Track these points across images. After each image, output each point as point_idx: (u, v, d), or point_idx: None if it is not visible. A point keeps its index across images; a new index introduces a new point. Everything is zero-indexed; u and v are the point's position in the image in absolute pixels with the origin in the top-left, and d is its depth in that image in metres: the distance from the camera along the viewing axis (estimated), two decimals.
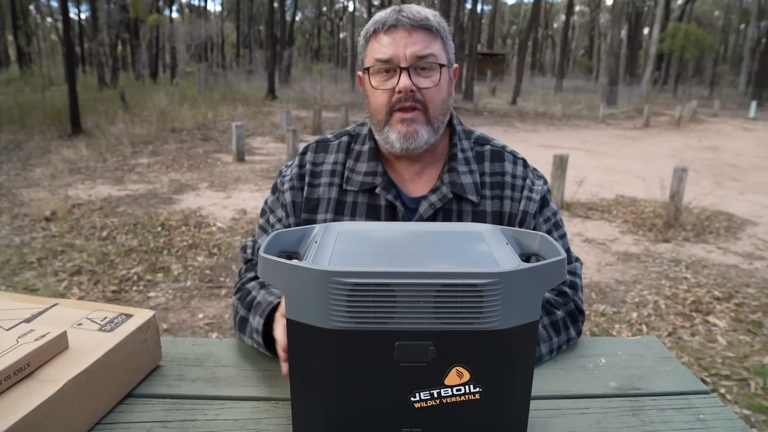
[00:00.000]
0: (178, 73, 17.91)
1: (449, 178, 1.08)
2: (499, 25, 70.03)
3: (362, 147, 1.13)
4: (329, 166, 1.13)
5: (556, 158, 6.03)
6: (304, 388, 0.69)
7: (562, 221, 1.17)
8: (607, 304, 3.63)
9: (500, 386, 0.67)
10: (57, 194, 5.90)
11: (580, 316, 1.09)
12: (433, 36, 1.04)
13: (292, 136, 7.84)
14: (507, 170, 1.12)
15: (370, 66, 1.05)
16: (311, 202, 1.11)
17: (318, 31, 65.31)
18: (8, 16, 31.91)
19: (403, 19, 1.02)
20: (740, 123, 18.46)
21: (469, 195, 1.08)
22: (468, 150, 1.13)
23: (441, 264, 0.69)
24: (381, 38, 1.04)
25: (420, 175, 1.12)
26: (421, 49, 1.02)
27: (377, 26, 1.04)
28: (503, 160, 1.13)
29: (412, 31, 1.02)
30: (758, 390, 2.64)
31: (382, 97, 1.04)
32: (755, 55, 35.24)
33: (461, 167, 1.10)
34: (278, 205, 1.15)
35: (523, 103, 22.52)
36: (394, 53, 1.01)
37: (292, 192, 1.13)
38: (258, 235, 1.19)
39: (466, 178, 1.09)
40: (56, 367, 0.78)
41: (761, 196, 7.20)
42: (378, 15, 1.06)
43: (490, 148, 1.15)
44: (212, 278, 3.88)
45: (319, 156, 1.15)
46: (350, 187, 1.09)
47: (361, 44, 1.09)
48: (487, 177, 1.12)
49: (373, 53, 1.04)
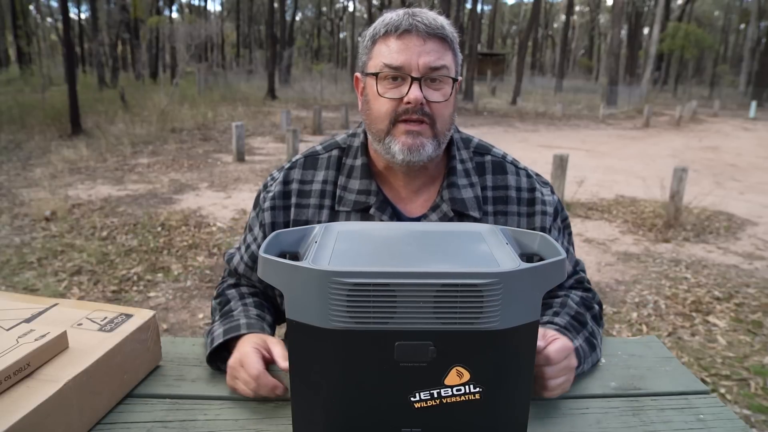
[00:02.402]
0: (178, 73, 17.91)
1: (449, 194, 1.03)
2: (499, 25, 70.03)
3: (354, 162, 1.06)
4: (318, 186, 1.06)
5: (556, 158, 6.03)
6: (304, 388, 0.69)
7: (569, 223, 1.17)
8: (607, 304, 3.63)
9: (500, 386, 0.67)
10: (57, 194, 5.90)
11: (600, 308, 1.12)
12: (446, 46, 0.98)
13: (292, 136, 7.84)
14: (510, 183, 1.07)
15: (377, 72, 0.97)
16: (299, 224, 1.05)
17: (318, 31, 65.30)
18: (8, 16, 31.92)
19: (419, 25, 0.95)
20: (740, 123, 18.46)
21: (471, 211, 1.03)
22: (467, 161, 1.08)
23: (441, 264, 0.69)
24: (392, 42, 0.96)
25: (418, 194, 1.07)
26: (434, 60, 0.95)
27: (389, 29, 0.97)
28: (506, 173, 1.08)
29: (427, 40, 0.95)
30: (758, 390, 2.64)
31: (387, 106, 0.97)
32: (755, 55, 35.24)
33: (461, 180, 1.05)
34: (257, 223, 1.11)
35: (523, 103, 22.52)
36: (406, 61, 0.95)
37: (272, 212, 1.07)
38: (235, 250, 1.17)
39: (466, 193, 1.04)
40: (56, 367, 0.78)
41: (761, 196, 7.19)
42: (389, 16, 0.99)
43: (491, 159, 1.09)
44: (212, 278, 3.88)
45: (307, 173, 1.08)
46: (343, 207, 1.03)
47: (366, 45, 1.02)
48: (489, 191, 1.07)
49: (382, 57, 0.97)
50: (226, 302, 1.08)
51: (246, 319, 0.99)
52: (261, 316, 1.03)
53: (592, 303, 1.08)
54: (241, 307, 1.04)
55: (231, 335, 0.95)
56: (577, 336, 0.97)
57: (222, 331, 0.97)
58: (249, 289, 1.12)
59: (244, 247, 1.13)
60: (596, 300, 1.10)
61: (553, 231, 1.10)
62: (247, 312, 1.03)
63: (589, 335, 1.00)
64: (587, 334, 0.99)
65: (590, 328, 1.01)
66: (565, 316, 1.00)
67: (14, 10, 29.80)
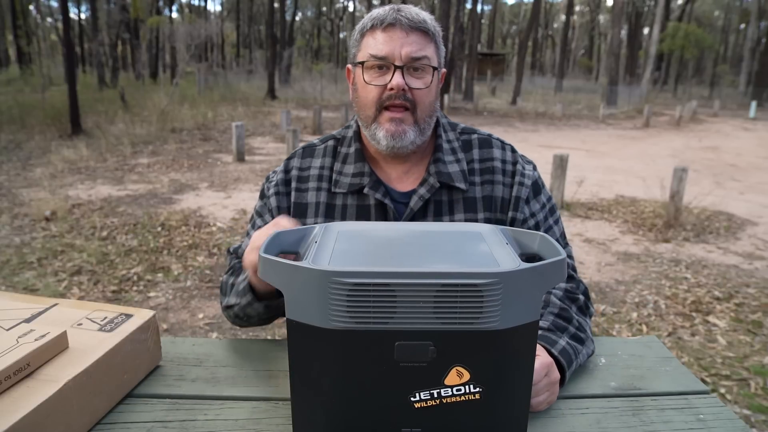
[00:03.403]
0: (178, 73, 17.92)
1: (435, 168, 1.10)
2: (499, 25, 70.04)
3: (348, 149, 1.14)
4: (316, 171, 1.14)
5: (556, 158, 6.03)
6: (304, 388, 0.69)
7: (556, 206, 1.18)
8: (607, 304, 3.63)
9: (500, 386, 0.67)
10: (57, 194, 5.90)
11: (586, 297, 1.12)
12: (428, 39, 1.06)
13: (292, 136, 7.84)
14: (496, 156, 1.14)
15: (364, 60, 1.06)
16: (300, 207, 1.13)
17: (318, 31, 65.31)
18: (8, 16, 31.91)
19: (402, 19, 1.03)
20: (740, 123, 18.46)
21: (457, 182, 1.09)
22: (454, 140, 1.15)
23: (441, 264, 0.69)
24: (377, 35, 1.05)
25: (408, 174, 1.13)
26: (416, 50, 1.03)
27: (375, 22, 1.05)
28: (491, 147, 1.15)
29: (410, 32, 1.03)
30: (758, 390, 2.64)
31: (373, 93, 1.05)
32: (755, 55, 35.23)
33: (447, 157, 1.11)
34: (266, 210, 1.17)
35: (523, 103, 22.51)
36: (390, 51, 1.03)
37: (277, 197, 1.15)
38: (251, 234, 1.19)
39: (453, 167, 1.10)
40: (56, 367, 0.78)
41: (761, 196, 7.19)
42: (376, 12, 1.07)
43: (477, 137, 1.16)
44: (212, 278, 3.88)
45: (305, 161, 1.16)
46: (339, 189, 1.10)
47: (355, 38, 1.10)
48: (476, 164, 1.13)
49: (368, 48, 1.05)
50: (235, 271, 1.15)
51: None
52: None
53: (576, 294, 1.08)
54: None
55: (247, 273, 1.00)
56: (562, 335, 0.97)
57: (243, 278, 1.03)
58: None
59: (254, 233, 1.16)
60: (581, 289, 1.10)
61: (533, 204, 1.13)
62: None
63: (576, 330, 1.00)
64: (573, 329, 1.00)
65: (576, 322, 1.01)
66: (548, 316, 1.00)
67: (14, 10, 29.80)
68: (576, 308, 1.05)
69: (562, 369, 0.92)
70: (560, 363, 0.92)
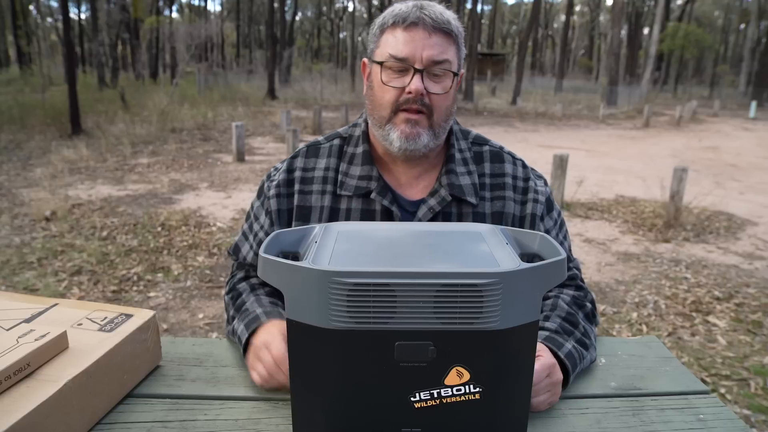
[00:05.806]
0: (178, 73, 17.93)
1: (447, 180, 1.06)
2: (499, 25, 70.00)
3: (355, 149, 1.10)
4: (321, 172, 1.10)
5: (556, 158, 6.03)
6: (304, 388, 0.69)
7: (564, 220, 1.19)
8: (607, 304, 3.63)
9: (500, 386, 0.67)
10: (57, 194, 5.90)
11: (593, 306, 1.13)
12: (451, 40, 1.01)
13: (292, 136, 7.83)
14: (507, 171, 1.11)
15: (383, 61, 1.01)
16: (303, 210, 1.09)
17: (318, 31, 65.29)
18: (8, 16, 31.91)
19: (426, 18, 0.98)
20: (740, 123, 18.46)
21: (468, 197, 1.06)
22: (466, 150, 1.11)
23: (441, 264, 0.69)
24: (398, 33, 1.00)
25: (418, 180, 1.10)
26: (438, 54, 0.99)
27: (396, 19, 1.00)
28: (503, 161, 1.12)
29: (432, 33, 0.99)
30: (758, 390, 2.64)
31: (390, 94, 1.01)
32: (755, 55, 35.22)
33: (459, 168, 1.08)
34: (262, 211, 1.13)
35: (523, 103, 22.51)
36: (410, 53, 0.98)
37: (277, 199, 1.10)
38: (240, 241, 1.18)
39: (464, 180, 1.07)
40: (56, 367, 0.78)
41: (761, 196, 7.19)
42: (398, 7, 1.02)
43: (489, 149, 1.13)
44: (212, 278, 3.88)
45: (309, 161, 1.12)
46: (344, 191, 1.06)
47: (375, 33, 1.05)
48: (487, 178, 1.10)
49: (388, 47, 1.00)
50: (238, 296, 1.10)
51: (261, 308, 1.02)
52: (274, 302, 1.06)
53: (584, 301, 1.08)
54: (253, 298, 1.07)
55: (253, 327, 0.98)
56: (568, 339, 0.97)
57: (243, 326, 1.00)
58: (259, 280, 1.14)
59: (252, 237, 1.15)
60: (589, 298, 1.10)
61: (547, 220, 1.12)
62: (260, 301, 1.05)
63: (581, 335, 1.00)
64: (579, 334, 1.00)
65: (582, 328, 1.02)
66: (556, 319, 1.00)
67: (14, 10, 29.80)
68: (583, 315, 1.05)
69: (566, 372, 0.92)
70: (565, 366, 0.92)
